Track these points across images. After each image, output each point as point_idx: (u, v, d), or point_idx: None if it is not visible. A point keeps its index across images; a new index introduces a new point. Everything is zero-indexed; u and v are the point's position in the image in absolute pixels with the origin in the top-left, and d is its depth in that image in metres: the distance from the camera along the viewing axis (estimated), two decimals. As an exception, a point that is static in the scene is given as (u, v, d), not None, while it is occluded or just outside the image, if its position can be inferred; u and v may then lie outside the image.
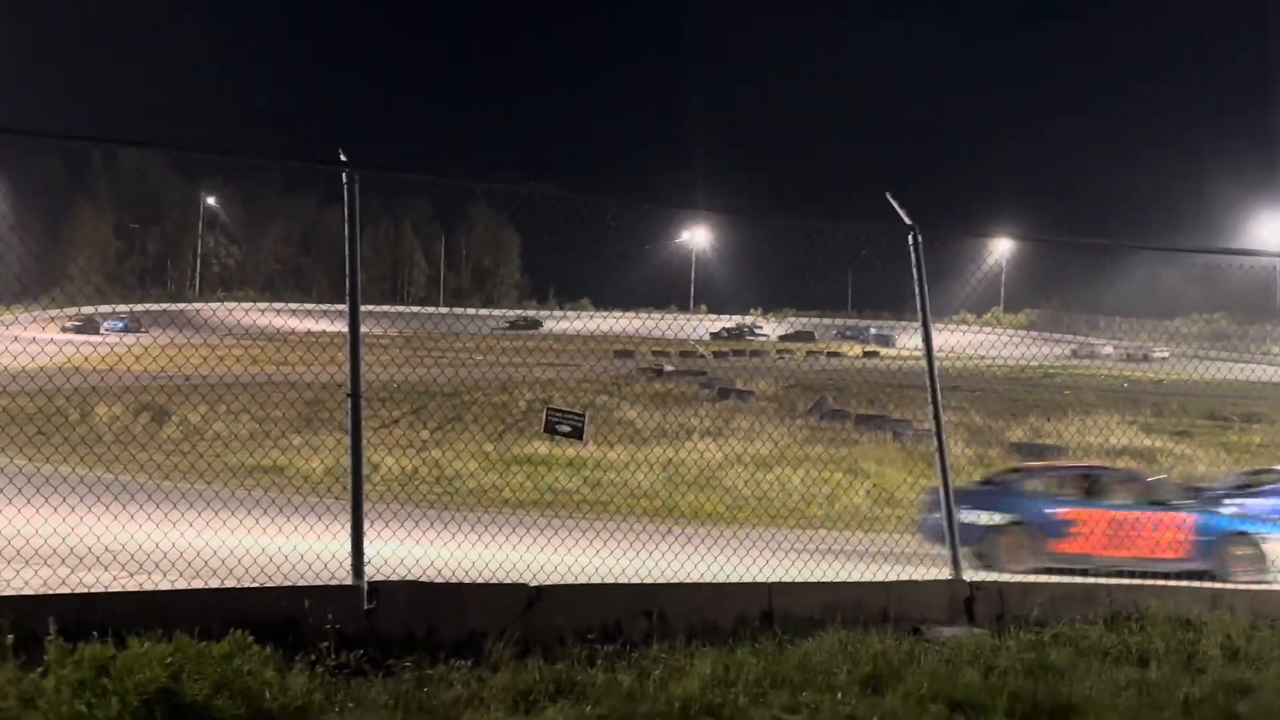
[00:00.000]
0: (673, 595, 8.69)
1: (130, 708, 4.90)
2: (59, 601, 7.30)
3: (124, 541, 9.27)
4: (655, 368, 52.19)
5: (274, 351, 17.58)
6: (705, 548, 10.22)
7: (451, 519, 15.51)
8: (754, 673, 7.42)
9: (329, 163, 8.28)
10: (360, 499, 8.04)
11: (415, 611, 7.78)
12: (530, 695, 6.89)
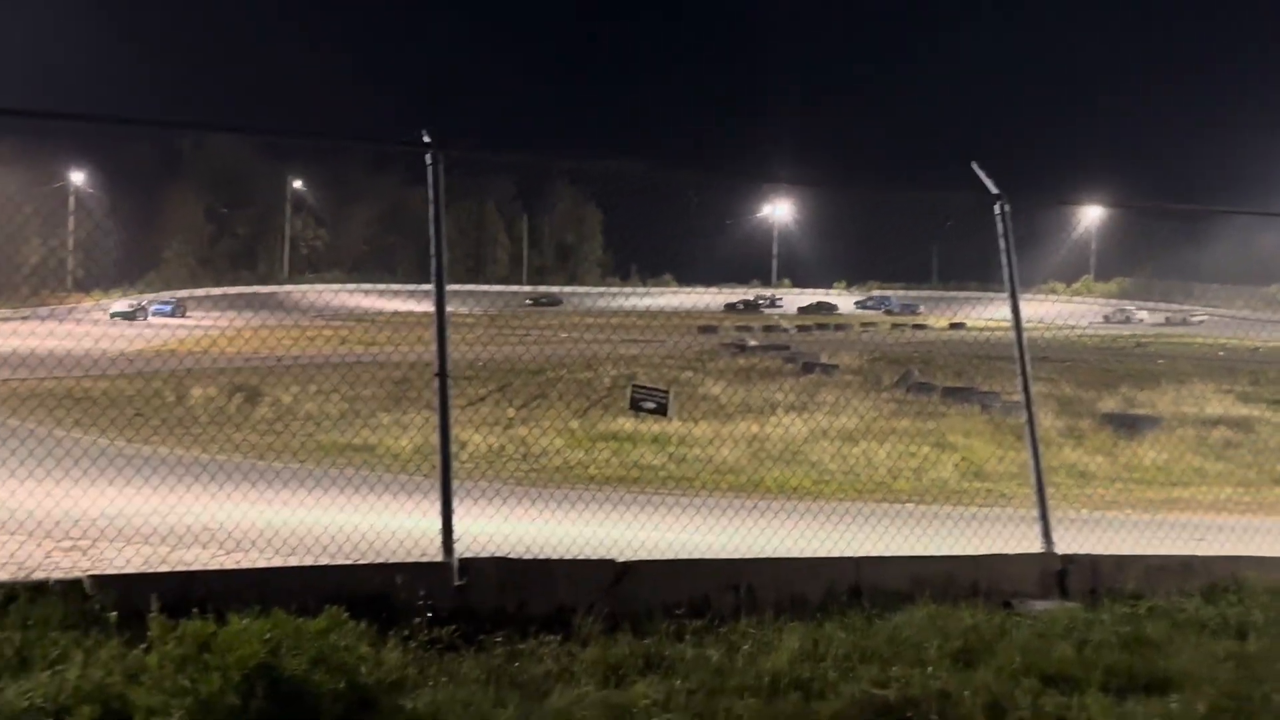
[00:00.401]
0: (760, 570, 8.68)
1: (232, 682, 5.02)
2: (160, 579, 7.50)
3: (221, 520, 9.51)
4: (738, 343, 52.06)
5: (362, 332, 17.82)
6: (792, 522, 10.21)
7: (538, 495, 15.65)
8: (843, 647, 7.40)
9: (413, 144, 8.35)
10: (449, 477, 8.13)
11: (505, 587, 7.86)
12: (619, 670, 6.94)
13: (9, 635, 6.35)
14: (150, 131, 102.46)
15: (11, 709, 5.44)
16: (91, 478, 9.87)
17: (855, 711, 6.51)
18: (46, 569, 8.39)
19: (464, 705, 6.08)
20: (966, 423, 29.84)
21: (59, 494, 10.38)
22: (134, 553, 9.35)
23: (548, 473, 21.67)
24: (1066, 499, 18.50)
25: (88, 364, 11.37)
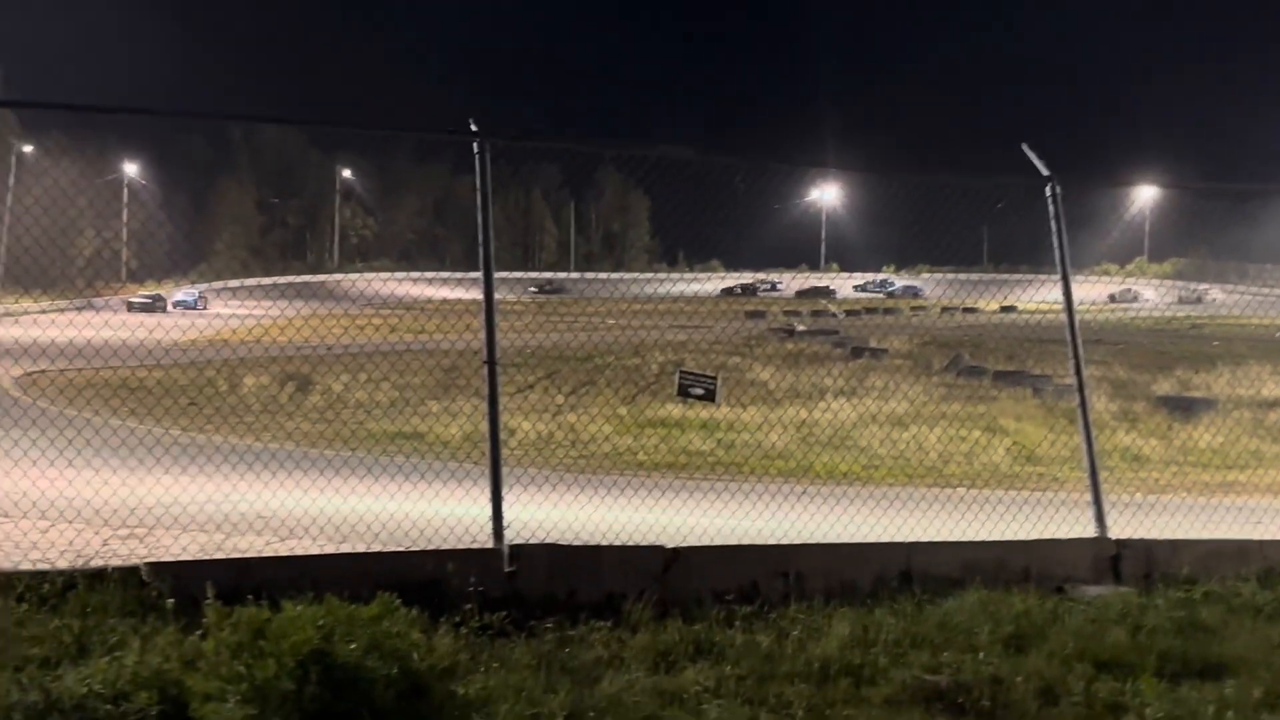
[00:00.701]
0: (810, 556, 8.66)
1: (286, 668, 5.08)
2: (216, 566, 7.60)
3: (274, 508, 9.60)
4: (786, 328, 51.90)
5: (411, 320, 17.93)
6: (841, 508, 10.17)
7: (587, 482, 15.68)
8: (893, 633, 7.39)
9: (460, 133, 8.38)
10: (499, 464, 8.17)
11: (555, 574, 7.90)
12: (669, 656, 6.96)
13: (68, 622, 6.46)
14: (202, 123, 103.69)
15: (71, 695, 5.54)
16: (148, 466, 10.02)
17: (906, 697, 6.50)
18: (104, 557, 8.52)
19: (515, 691, 6.12)
20: (1018, 406, 29.55)
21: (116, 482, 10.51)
22: (190, 540, 9.47)
23: (596, 459, 21.70)
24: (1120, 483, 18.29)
25: (142, 354, 11.52)
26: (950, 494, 16.27)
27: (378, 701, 5.14)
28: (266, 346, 20.91)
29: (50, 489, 9.62)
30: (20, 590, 6.75)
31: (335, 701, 5.07)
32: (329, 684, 5.09)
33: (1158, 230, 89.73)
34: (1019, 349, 39.44)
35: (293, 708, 5.02)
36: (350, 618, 5.47)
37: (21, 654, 6.08)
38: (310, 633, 5.22)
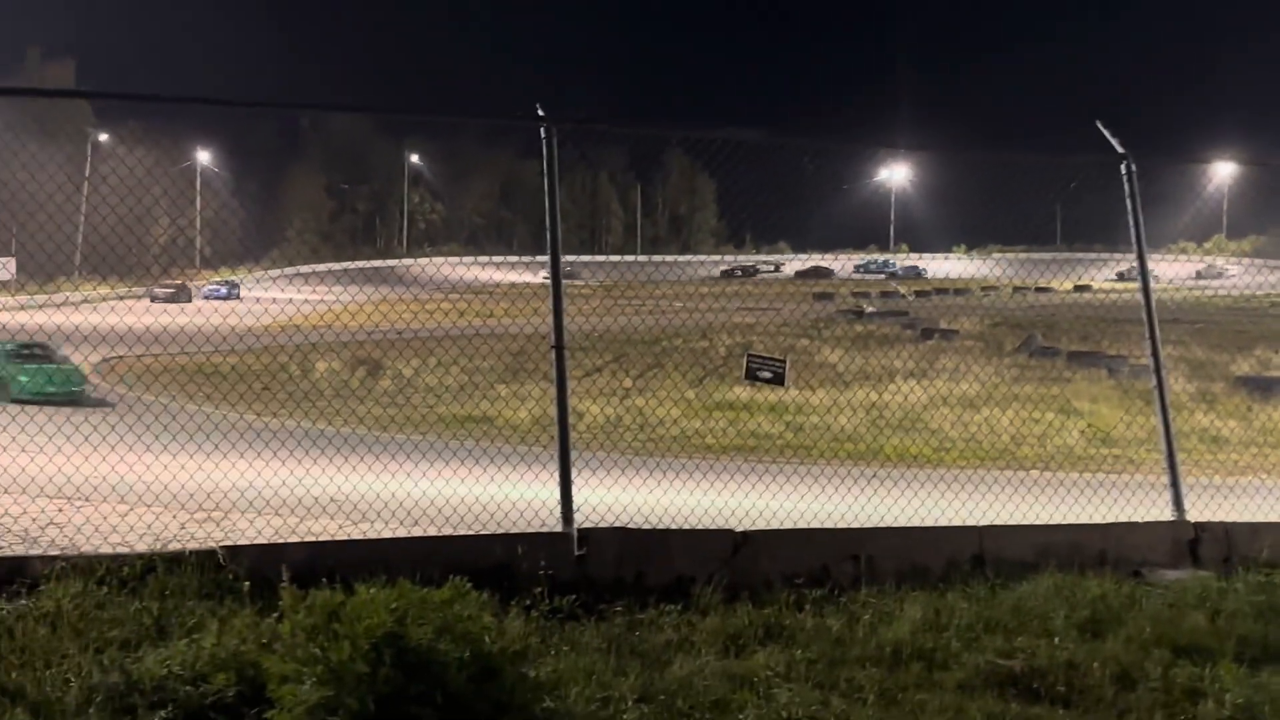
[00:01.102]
0: (880, 539, 8.61)
1: (360, 651, 5.13)
2: (290, 549, 7.69)
3: (347, 491, 9.71)
4: (855, 309, 51.59)
5: (480, 305, 18.04)
6: (911, 491, 10.09)
7: (655, 465, 15.69)
8: (966, 617, 7.33)
9: (527, 118, 8.38)
10: (567, 448, 8.19)
11: (624, 557, 7.91)
12: (739, 639, 6.95)
13: (148, 605, 6.58)
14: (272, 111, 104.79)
15: (151, 676, 5.64)
16: (223, 451, 10.17)
17: (980, 682, 6.45)
18: (182, 540, 8.67)
19: (586, 674, 6.15)
20: (1092, 387, 29.20)
21: (192, 467, 10.72)
22: (264, 523, 9.60)
23: (664, 442, 21.74)
24: (1198, 465, 18.00)
25: (217, 340, 11.69)
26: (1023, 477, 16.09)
27: (450, 684, 5.18)
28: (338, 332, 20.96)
29: (129, 473, 9.80)
30: (101, 573, 6.88)
31: (408, 684, 5.11)
32: (402, 666, 5.13)
33: (1235, 207, 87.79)
34: (1093, 329, 38.87)
35: (367, 689, 5.07)
36: (422, 601, 5.51)
37: (103, 636, 6.20)
38: (384, 616, 5.27)
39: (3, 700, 5.49)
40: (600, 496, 9.83)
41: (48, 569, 6.89)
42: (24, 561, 7.17)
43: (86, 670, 5.76)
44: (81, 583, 6.75)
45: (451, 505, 9.28)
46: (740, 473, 14.65)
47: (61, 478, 10.33)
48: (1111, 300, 29.44)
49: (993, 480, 11.64)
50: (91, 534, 8.97)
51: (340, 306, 31.96)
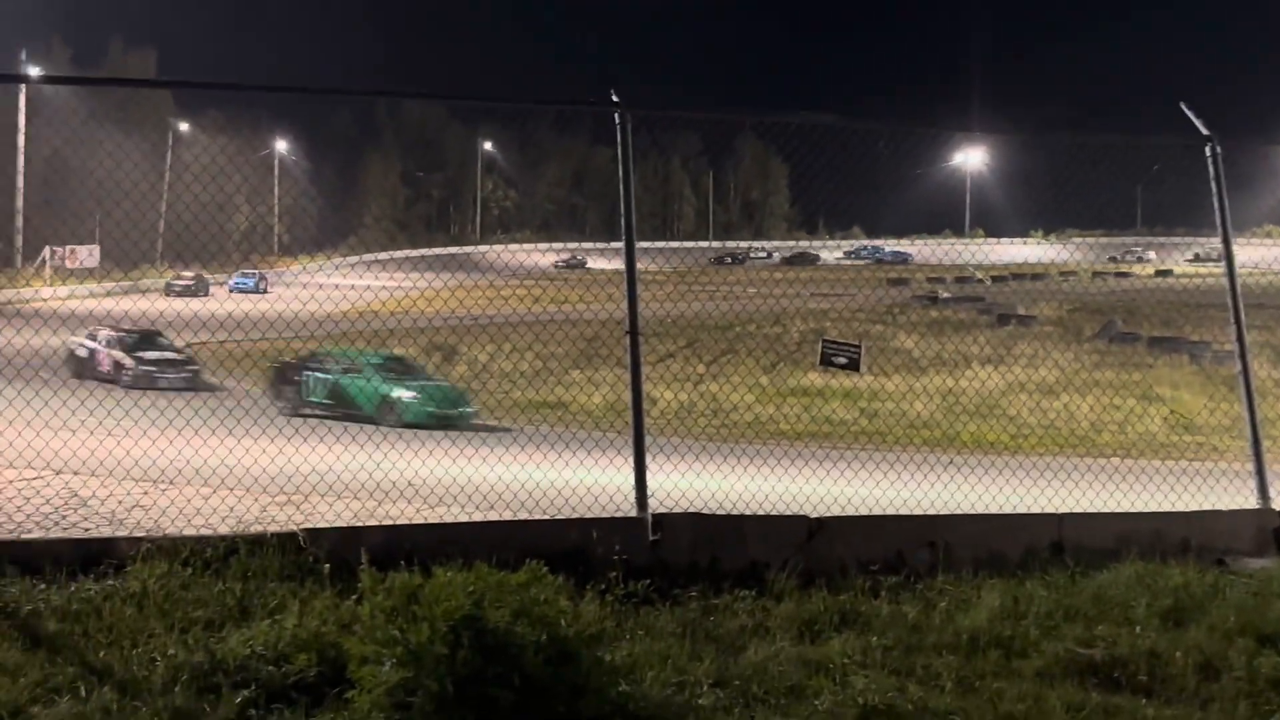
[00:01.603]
0: (956, 526, 8.55)
1: (439, 633, 5.19)
2: (369, 532, 7.80)
3: (424, 476, 9.80)
4: (930, 295, 51.09)
5: (554, 291, 18.13)
6: (989, 478, 9.98)
7: (729, 451, 15.68)
8: (1045, 605, 7.25)
9: (602, 104, 8.40)
10: (642, 433, 8.21)
11: (698, 542, 7.92)
12: (814, 625, 6.93)
13: (231, 586, 6.71)
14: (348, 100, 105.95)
15: (235, 656, 5.75)
16: (303, 435, 10.33)
17: (1059, 670, 6.38)
18: (263, 522, 8.81)
19: (661, 658, 6.17)
20: (1174, 374, 28.69)
21: (273, 451, 10.88)
22: (343, 507, 9.73)
23: (738, 428, 21.71)
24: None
25: (297, 326, 11.87)
26: (1103, 464, 15.89)
27: (527, 667, 5.22)
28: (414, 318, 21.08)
29: (211, 457, 9.98)
30: (185, 555, 7.02)
31: (486, 666, 5.17)
32: (480, 649, 5.19)
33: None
34: (1175, 314, 38.17)
35: (445, 671, 5.13)
36: (499, 584, 5.56)
37: (187, 616, 6.34)
38: (462, 599, 5.33)
39: (90, 679, 5.63)
40: (675, 482, 9.87)
41: (134, 550, 7.05)
42: (111, 543, 7.34)
43: (172, 650, 5.89)
44: (167, 564, 6.89)
45: (526, 490, 9.36)
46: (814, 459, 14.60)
47: (147, 461, 10.57)
48: (1195, 285, 28.86)
49: (1071, 467, 11.52)
50: (176, 516, 9.15)
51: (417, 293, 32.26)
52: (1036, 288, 53.65)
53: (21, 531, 8.78)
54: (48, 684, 5.56)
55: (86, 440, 10.17)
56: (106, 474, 10.53)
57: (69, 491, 10.57)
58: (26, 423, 9.95)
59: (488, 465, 10.94)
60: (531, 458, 11.33)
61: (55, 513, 9.67)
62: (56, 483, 10.79)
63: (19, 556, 6.91)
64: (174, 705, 5.36)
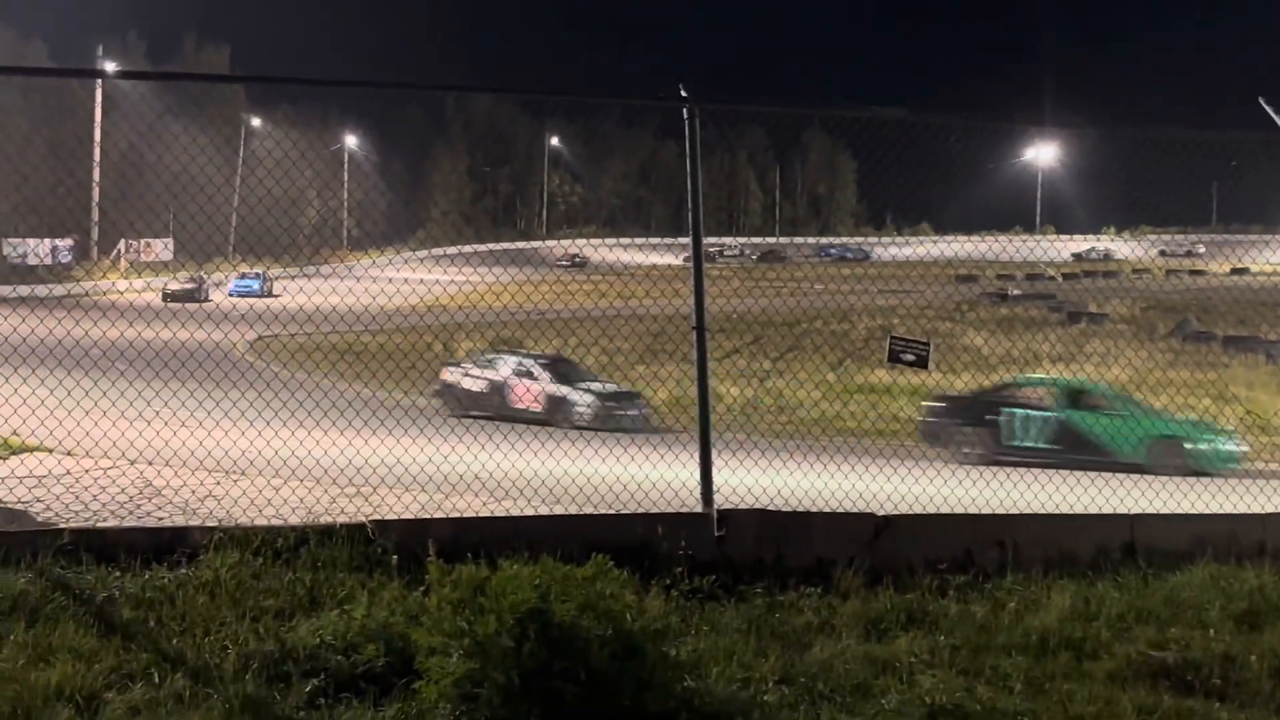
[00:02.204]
0: (1026, 526, 8.44)
1: (505, 625, 5.22)
2: (436, 525, 7.85)
3: (491, 469, 9.86)
4: (999, 292, 50.59)
5: (620, 286, 18.13)
6: (1060, 477, 9.87)
7: (794, 447, 15.62)
8: (1116, 607, 7.15)
9: (671, 99, 8.38)
10: (708, 429, 8.20)
11: (763, 539, 7.89)
12: (881, 623, 6.89)
13: (300, 576, 6.79)
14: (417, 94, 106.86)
15: (304, 645, 5.83)
16: (372, 428, 10.44)
17: (1130, 673, 6.29)
18: (333, 514, 8.92)
19: (726, 654, 6.16)
20: (1250, 373, 28.16)
21: (342, 443, 11.01)
22: (411, 499, 9.82)
23: (804, 425, 21.60)
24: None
25: (367, 319, 11.98)
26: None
27: (593, 661, 5.24)
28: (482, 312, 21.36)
29: (282, 448, 10.11)
30: (256, 544, 7.11)
31: (552, 659, 5.19)
32: (546, 642, 5.21)
33: None
34: (1251, 313, 37.43)
35: (512, 664, 5.15)
36: (565, 578, 5.58)
37: (258, 605, 6.43)
38: (528, 592, 5.35)
39: (164, 665, 5.73)
40: (741, 478, 9.85)
41: (207, 539, 7.16)
42: (185, 531, 7.47)
43: (243, 638, 5.98)
44: (238, 553, 6.99)
45: (592, 484, 9.38)
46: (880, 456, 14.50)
47: (220, 452, 10.73)
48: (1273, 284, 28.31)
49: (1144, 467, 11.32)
50: (247, 506, 9.29)
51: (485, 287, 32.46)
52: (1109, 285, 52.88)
53: (98, 520, 8.96)
54: (122, 670, 5.66)
55: (161, 430, 10.35)
56: (180, 464, 10.70)
57: (144, 481, 10.78)
58: (103, 413, 10.16)
59: (553, 459, 10.97)
60: (597, 451, 11.35)
61: (130, 501, 9.86)
62: (131, 472, 10.99)
63: (94, 544, 7.04)
64: (245, 693, 5.44)
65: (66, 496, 9.70)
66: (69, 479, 10.80)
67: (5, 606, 6.20)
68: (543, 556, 5.92)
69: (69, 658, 5.68)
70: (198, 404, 9.68)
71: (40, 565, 6.68)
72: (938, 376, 24.83)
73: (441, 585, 5.67)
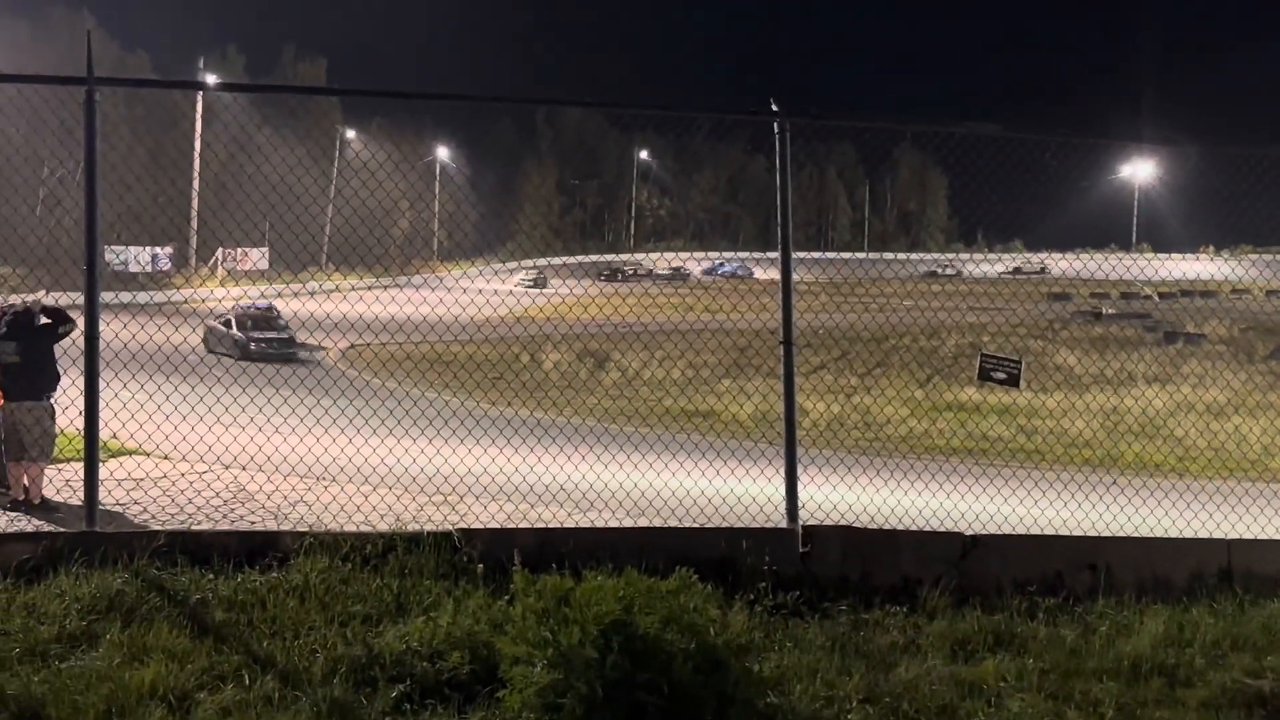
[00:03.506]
0: (1119, 549, 8.28)
1: (589, 636, 5.23)
2: (521, 534, 7.91)
3: (576, 481, 9.91)
4: (1093, 310, 49.74)
5: (708, 300, 18.13)
6: (1155, 500, 9.66)
7: (880, 465, 15.47)
8: (1211, 633, 6.99)
9: (762, 113, 8.38)
10: (794, 444, 8.17)
11: (849, 556, 7.84)
12: (968, 645, 6.80)
13: (388, 582, 6.88)
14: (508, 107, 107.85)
15: (391, 651, 5.90)
16: (460, 437, 10.52)
17: (1225, 701, 6.15)
18: (419, 521, 9.01)
19: (810, 672, 6.12)
20: (1354, 397, 27.28)
21: (430, 451, 11.11)
22: (496, 508, 9.89)
23: (890, 442, 21.39)
24: None
25: (456, 330, 12.11)
26: (1276, 489, 15.22)
27: (676, 674, 5.23)
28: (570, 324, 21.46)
29: (372, 456, 10.25)
30: (345, 550, 7.22)
31: (635, 671, 5.19)
32: (629, 654, 5.21)
33: None
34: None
35: (595, 675, 5.17)
36: (649, 590, 5.58)
37: (346, 610, 6.53)
38: (612, 603, 5.36)
39: (254, 667, 5.83)
40: (826, 494, 9.79)
41: (297, 544, 7.28)
42: (276, 536, 7.60)
43: (331, 642, 6.08)
44: (328, 558, 7.11)
45: (677, 498, 9.38)
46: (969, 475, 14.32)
47: (311, 458, 10.91)
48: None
49: (1242, 492, 11.04)
50: (337, 512, 9.44)
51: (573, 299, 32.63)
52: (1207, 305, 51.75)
53: (192, 523, 9.16)
54: (214, 671, 5.78)
55: (255, 436, 10.55)
56: (273, 469, 10.89)
57: (237, 485, 10.99)
58: (199, 418, 10.38)
59: (638, 472, 10.99)
60: (682, 465, 11.35)
61: (224, 505, 10.06)
62: (225, 476, 11.22)
63: (189, 546, 7.20)
64: (332, 696, 5.52)
65: (163, 499, 9.93)
66: (165, 482, 11.06)
67: (102, 606, 6.36)
68: (626, 568, 5.94)
69: (163, 658, 5.81)
70: (290, 411, 9.82)
71: (136, 566, 6.85)
72: (1028, 395, 24.50)
73: (526, 595, 5.71)
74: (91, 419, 7.41)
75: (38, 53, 50.72)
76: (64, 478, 10.58)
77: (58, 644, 5.97)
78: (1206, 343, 38.87)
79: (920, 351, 35.23)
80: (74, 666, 5.71)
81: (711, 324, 26.12)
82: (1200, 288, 62.31)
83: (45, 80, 8.19)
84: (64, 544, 7.07)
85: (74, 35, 54.76)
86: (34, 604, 6.38)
